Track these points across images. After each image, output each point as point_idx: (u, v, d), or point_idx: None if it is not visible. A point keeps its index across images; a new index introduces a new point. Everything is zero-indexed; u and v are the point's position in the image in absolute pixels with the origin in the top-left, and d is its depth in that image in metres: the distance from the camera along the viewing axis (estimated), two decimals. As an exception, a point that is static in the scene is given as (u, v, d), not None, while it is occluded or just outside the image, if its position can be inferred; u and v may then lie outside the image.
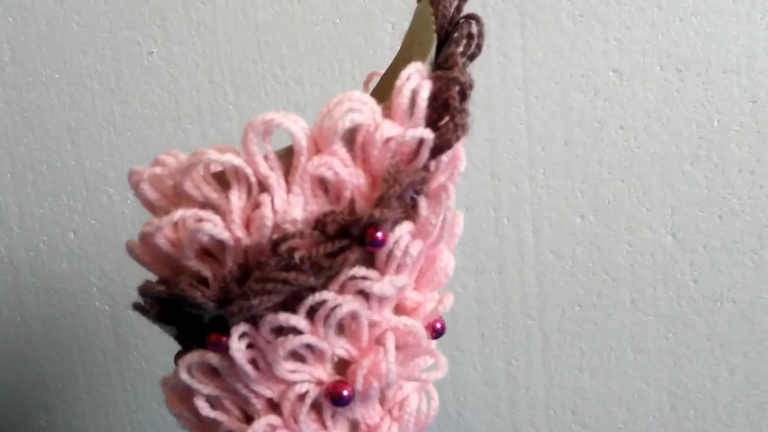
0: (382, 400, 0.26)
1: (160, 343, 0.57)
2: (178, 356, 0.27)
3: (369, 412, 0.26)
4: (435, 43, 0.24)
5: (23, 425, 0.61)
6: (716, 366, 0.47)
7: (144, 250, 0.24)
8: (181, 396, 0.26)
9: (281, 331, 0.23)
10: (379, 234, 0.22)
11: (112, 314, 0.57)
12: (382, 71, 0.29)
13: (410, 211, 0.23)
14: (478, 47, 0.24)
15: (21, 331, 0.59)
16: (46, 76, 0.54)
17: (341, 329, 0.24)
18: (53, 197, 0.56)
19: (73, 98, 0.54)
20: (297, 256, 0.21)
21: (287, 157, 0.22)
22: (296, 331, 0.23)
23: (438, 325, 0.26)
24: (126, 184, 0.54)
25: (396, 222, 0.23)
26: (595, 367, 0.49)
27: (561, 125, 0.46)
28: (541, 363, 0.50)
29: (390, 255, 0.23)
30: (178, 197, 0.23)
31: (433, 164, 0.23)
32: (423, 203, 0.23)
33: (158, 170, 0.22)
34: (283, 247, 0.21)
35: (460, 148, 0.24)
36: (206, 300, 0.21)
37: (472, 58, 0.24)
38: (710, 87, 0.44)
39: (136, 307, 0.27)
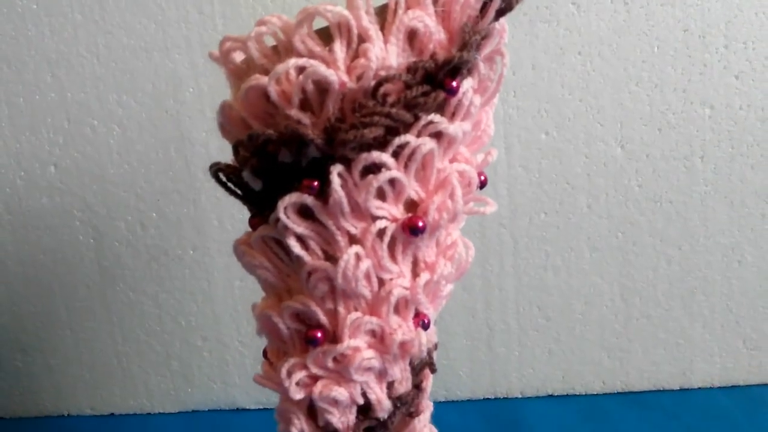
0: (437, 244, 0.31)
1: (148, 272, 0.58)
2: (253, 218, 0.31)
3: (428, 252, 0.30)
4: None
5: (-1, 368, 0.60)
6: (657, 258, 0.56)
7: (243, 105, 0.27)
8: (261, 247, 0.30)
9: (369, 171, 0.27)
10: (455, 83, 0.26)
11: (97, 247, 0.57)
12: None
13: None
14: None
15: (-4, 271, 0.58)
16: (22, 6, 0.53)
17: (414, 174, 0.28)
18: (31, 131, 0.56)
19: (53, 29, 0.54)
20: (390, 99, 0.26)
21: (380, 15, 0.26)
22: (385, 169, 0.27)
23: (482, 177, 0.31)
24: (112, 115, 0.55)
25: (463, 77, 0.27)
26: (558, 266, 0.56)
27: (528, 52, 0.53)
28: (512, 266, 0.56)
29: (458, 104, 0.28)
30: (277, 55, 0.27)
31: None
32: (481, 63, 0.28)
33: (264, 29, 0.26)
34: (382, 89, 0.25)
35: (505, 23, 0.29)
36: (317, 136, 0.25)
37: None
38: (651, 18, 0.52)
39: (214, 173, 0.30)
